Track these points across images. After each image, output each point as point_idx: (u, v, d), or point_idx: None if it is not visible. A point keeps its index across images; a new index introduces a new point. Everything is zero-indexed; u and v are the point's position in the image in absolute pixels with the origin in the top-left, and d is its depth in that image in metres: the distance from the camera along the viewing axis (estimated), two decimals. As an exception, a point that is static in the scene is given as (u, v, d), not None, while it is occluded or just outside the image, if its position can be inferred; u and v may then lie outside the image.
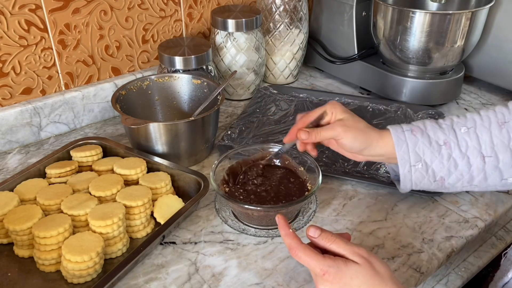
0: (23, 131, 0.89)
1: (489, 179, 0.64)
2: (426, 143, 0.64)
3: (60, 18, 0.87)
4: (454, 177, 0.65)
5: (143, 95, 0.89)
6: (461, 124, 0.65)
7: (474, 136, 0.63)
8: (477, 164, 0.63)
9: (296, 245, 0.54)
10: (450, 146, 0.63)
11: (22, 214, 0.65)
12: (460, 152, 0.63)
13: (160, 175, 0.74)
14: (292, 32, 1.08)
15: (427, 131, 0.65)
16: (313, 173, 0.71)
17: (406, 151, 0.64)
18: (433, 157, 0.64)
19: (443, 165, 0.64)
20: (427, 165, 0.64)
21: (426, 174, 0.65)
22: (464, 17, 0.92)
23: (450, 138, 0.64)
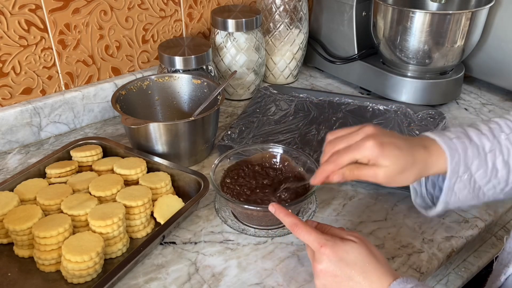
0: (23, 131, 0.89)
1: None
2: (475, 151, 0.60)
3: (60, 18, 0.87)
4: (491, 185, 0.61)
5: (143, 95, 0.89)
6: (498, 130, 0.61)
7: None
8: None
9: (297, 221, 0.57)
10: (495, 153, 0.60)
11: (22, 214, 0.65)
12: (503, 160, 0.60)
13: (160, 175, 0.74)
14: (292, 32, 1.08)
15: (473, 138, 0.61)
16: (313, 173, 0.71)
17: (458, 162, 0.59)
18: (479, 166, 0.60)
19: (486, 174, 0.60)
20: (472, 174, 0.60)
21: (469, 184, 0.60)
22: (464, 17, 0.92)
23: (495, 145, 0.60)
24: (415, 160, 0.58)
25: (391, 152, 0.57)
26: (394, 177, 0.57)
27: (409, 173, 0.58)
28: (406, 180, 0.58)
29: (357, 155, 0.58)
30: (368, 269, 0.52)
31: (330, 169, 0.60)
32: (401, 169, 0.57)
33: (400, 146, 0.58)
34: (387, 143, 0.57)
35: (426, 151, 0.59)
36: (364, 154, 0.57)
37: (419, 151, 0.58)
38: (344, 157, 0.59)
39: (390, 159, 0.57)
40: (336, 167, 0.59)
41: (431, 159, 0.59)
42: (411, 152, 0.58)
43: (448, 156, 0.58)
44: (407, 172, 0.58)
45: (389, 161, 0.57)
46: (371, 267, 0.52)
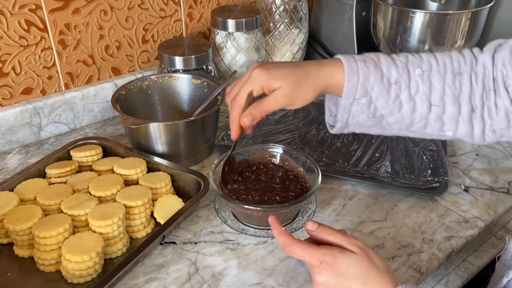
0: (23, 131, 0.89)
1: (429, 128, 0.61)
2: (378, 78, 0.59)
3: (60, 18, 0.87)
4: (394, 118, 0.61)
5: (143, 95, 0.89)
6: (416, 65, 0.60)
7: (427, 81, 0.59)
8: (421, 111, 0.60)
9: (290, 241, 0.54)
10: (401, 86, 0.59)
11: (22, 214, 0.65)
12: (409, 95, 0.59)
13: (160, 175, 0.74)
14: (292, 32, 1.08)
15: (380, 64, 0.60)
16: (312, 173, 0.71)
17: (355, 84, 0.59)
18: (380, 95, 0.59)
19: (388, 104, 0.60)
20: (371, 101, 0.60)
21: (367, 109, 0.61)
22: (464, 17, 0.92)
23: (402, 78, 0.59)
24: (308, 73, 0.60)
25: (278, 72, 0.60)
26: (293, 94, 0.59)
27: (306, 87, 0.59)
28: (306, 94, 0.59)
29: (249, 86, 0.61)
30: (368, 281, 0.51)
31: (236, 113, 0.62)
32: (295, 84, 0.59)
33: (286, 66, 0.61)
34: (272, 66, 0.60)
35: (320, 65, 0.60)
36: (255, 83, 0.60)
37: (311, 65, 0.61)
38: (240, 93, 0.61)
39: (280, 79, 0.59)
40: (239, 107, 0.62)
41: (327, 71, 0.60)
42: (300, 68, 0.60)
43: (346, 76, 0.59)
44: (304, 86, 0.59)
45: (281, 81, 0.59)
46: (372, 279, 0.51)
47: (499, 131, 0.60)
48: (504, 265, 0.60)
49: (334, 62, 0.61)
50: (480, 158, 0.87)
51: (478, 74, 0.60)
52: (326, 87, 0.60)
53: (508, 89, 0.58)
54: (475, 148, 0.90)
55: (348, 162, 0.83)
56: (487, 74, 0.59)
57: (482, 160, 0.87)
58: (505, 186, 0.81)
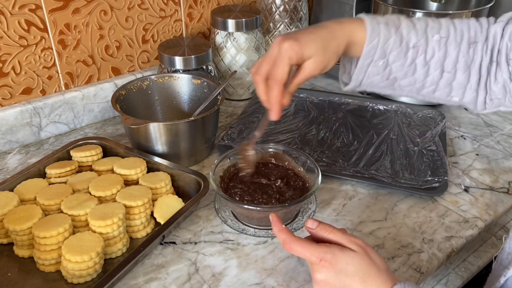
0: (23, 131, 0.89)
1: (437, 92, 0.63)
2: (397, 41, 0.60)
3: (60, 18, 0.87)
4: (407, 81, 0.62)
5: (143, 95, 0.89)
6: (435, 31, 0.61)
7: (443, 48, 0.60)
8: (433, 76, 0.61)
9: (290, 239, 0.55)
10: (418, 51, 0.60)
11: (22, 214, 0.65)
12: (424, 60, 0.61)
13: (160, 175, 0.74)
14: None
15: (401, 29, 0.61)
16: (312, 173, 0.71)
17: (375, 46, 0.60)
18: (397, 58, 0.61)
19: (403, 68, 0.61)
20: (388, 63, 0.61)
21: (383, 71, 0.62)
22: (464, 17, 0.92)
23: (420, 43, 0.60)
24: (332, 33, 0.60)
25: (307, 40, 0.58)
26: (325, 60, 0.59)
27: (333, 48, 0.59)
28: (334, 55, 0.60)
29: (286, 61, 0.58)
30: (368, 279, 0.51)
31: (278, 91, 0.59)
32: (324, 48, 0.59)
33: (311, 31, 0.60)
34: (299, 35, 0.59)
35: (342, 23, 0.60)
36: (288, 56, 0.58)
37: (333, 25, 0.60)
38: (279, 70, 0.59)
39: (311, 47, 0.58)
40: (280, 85, 0.59)
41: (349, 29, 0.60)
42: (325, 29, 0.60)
43: (368, 37, 0.59)
44: (331, 48, 0.59)
45: (312, 49, 0.58)
46: (371, 277, 0.51)
47: (496, 100, 0.62)
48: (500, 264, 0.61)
49: (356, 20, 0.61)
50: (480, 158, 0.87)
51: (488, 44, 0.61)
52: (348, 46, 0.60)
53: (509, 62, 0.60)
54: (475, 148, 0.90)
55: (348, 162, 0.83)
56: (495, 45, 0.61)
57: (482, 160, 0.87)
58: (505, 186, 0.81)
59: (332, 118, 0.96)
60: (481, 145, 0.91)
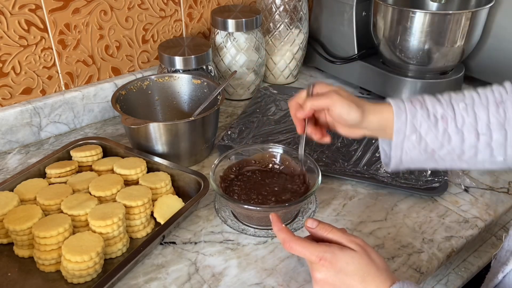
0: (23, 131, 0.89)
1: (479, 155, 0.64)
2: (424, 115, 0.63)
3: (60, 18, 0.87)
4: (445, 151, 0.64)
5: (143, 95, 0.89)
6: (459, 100, 0.64)
7: (472, 113, 0.63)
8: (470, 141, 0.63)
9: (289, 238, 0.55)
10: (447, 120, 0.63)
11: (22, 214, 0.65)
12: (456, 128, 0.63)
13: (160, 175, 0.74)
14: (292, 32, 1.08)
15: (426, 104, 0.64)
16: (313, 173, 0.71)
17: (404, 122, 0.63)
18: (429, 130, 0.63)
19: (437, 139, 0.63)
20: (421, 137, 0.64)
21: (418, 145, 0.64)
22: (464, 17, 0.92)
23: (448, 113, 0.63)
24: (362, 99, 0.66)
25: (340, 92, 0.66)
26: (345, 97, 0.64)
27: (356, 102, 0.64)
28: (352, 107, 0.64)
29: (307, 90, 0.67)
30: (367, 279, 0.51)
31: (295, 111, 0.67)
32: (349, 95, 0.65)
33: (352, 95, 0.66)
34: None
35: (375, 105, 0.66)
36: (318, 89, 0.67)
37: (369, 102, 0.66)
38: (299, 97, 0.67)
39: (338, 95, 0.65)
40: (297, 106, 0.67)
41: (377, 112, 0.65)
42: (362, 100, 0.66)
43: (395, 115, 0.63)
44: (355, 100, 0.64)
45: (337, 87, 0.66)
46: (371, 276, 0.51)
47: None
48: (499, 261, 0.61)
49: (383, 104, 0.66)
50: (480, 158, 0.87)
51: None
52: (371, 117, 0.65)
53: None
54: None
55: (348, 162, 0.83)
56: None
57: (482, 160, 0.87)
58: (505, 186, 0.81)
59: (332, 118, 0.96)
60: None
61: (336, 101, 0.64)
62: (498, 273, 0.59)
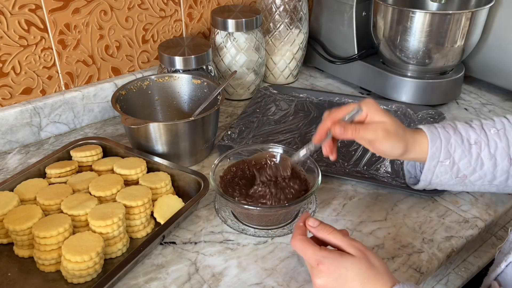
0: (23, 131, 0.89)
1: (510, 180, 0.65)
2: (458, 140, 0.64)
3: (60, 18, 0.87)
4: (477, 176, 0.65)
5: (143, 95, 0.89)
6: (490, 126, 0.65)
7: (504, 138, 0.64)
8: (502, 166, 0.64)
9: (296, 235, 0.56)
10: (481, 146, 0.64)
11: (22, 214, 0.65)
12: (489, 153, 0.64)
13: (160, 175, 0.74)
14: (292, 32, 1.08)
15: (458, 129, 0.65)
16: (312, 173, 0.71)
17: (439, 147, 0.64)
18: (462, 156, 0.64)
19: (470, 164, 0.65)
20: (454, 162, 0.65)
21: (451, 170, 0.65)
22: (464, 17, 0.92)
23: (481, 138, 0.64)
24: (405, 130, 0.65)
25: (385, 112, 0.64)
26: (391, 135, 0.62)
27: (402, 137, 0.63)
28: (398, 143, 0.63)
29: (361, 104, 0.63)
30: (367, 284, 0.51)
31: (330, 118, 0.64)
32: (396, 128, 0.63)
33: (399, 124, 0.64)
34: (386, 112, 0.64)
35: (413, 137, 0.65)
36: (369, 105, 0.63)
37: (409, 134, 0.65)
38: (340, 112, 0.64)
39: (387, 115, 0.63)
40: (336, 115, 0.64)
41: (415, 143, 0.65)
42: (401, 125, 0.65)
43: (429, 140, 0.64)
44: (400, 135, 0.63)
45: (386, 117, 0.63)
46: (371, 281, 0.51)
47: None
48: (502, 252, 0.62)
49: (416, 130, 0.67)
50: (480, 158, 0.87)
51: None
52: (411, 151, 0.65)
53: None
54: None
55: (348, 162, 0.83)
56: None
57: (482, 160, 0.87)
58: (505, 186, 0.80)
59: (332, 118, 0.96)
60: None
61: (382, 139, 0.62)
62: (501, 262, 0.60)
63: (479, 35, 0.99)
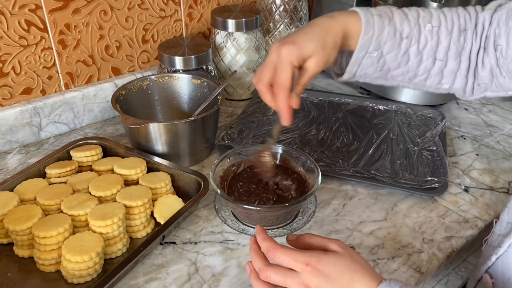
0: (23, 131, 0.89)
1: (429, 80, 0.64)
2: (391, 33, 0.61)
3: (60, 18, 0.87)
4: (400, 71, 0.64)
5: (143, 95, 0.89)
6: (427, 20, 0.62)
7: (436, 37, 0.62)
8: (426, 65, 0.63)
9: (273, 246, 0.53)
10: (411, 41, 0.62)
11: (22, 214, 0.65)
12: (417, 50, 0.62)
13: (160, 175, 0.74)
14: (292, 32, 1.08)
15: (394, 20, 0.62)
16: (312, 173, 0.71)
17: (370, 38, 0.60)
18: (391, 49, 0.62)
19: (396, 58, 0.62)
20: (382, 54, 0.62)
21: (377, 62, 0.62)
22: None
23: (413, 33, 0.61)
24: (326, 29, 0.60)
25: (304, 41, 0.59)
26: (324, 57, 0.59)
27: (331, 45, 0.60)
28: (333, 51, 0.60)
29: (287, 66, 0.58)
30: (356, 277, 0.50)
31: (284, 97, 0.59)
32: (322, 46, 0.59)
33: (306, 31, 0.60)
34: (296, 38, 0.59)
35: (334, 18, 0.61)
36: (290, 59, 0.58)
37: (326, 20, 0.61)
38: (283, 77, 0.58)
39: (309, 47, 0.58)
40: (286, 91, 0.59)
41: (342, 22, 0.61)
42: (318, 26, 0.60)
43: (363, 29, 0.60)
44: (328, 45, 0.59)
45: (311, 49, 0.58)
46: (359, 275, 0.51)
47: (483, 85, 0.64)
48: (490, 245, 0.62)
49: (349, 13, 0.62)
50: (480, 158, 0.87)
51: (478, 31, 0.63)
52: (344, 38, 0.61)
53: (497, 47, 0.61)
54: (475, 148, 0.90)
55: (348, 162, 0.83)
56: (483, 32, 0.63)
57: (482, 160, 0.87)
58: (505, 186, 0.81)
59: (332, 118, 0.96)
60: (481, 145, 0.91)
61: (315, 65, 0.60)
62: (491, 255, 0.60)
63: (479, 35, 0.99)
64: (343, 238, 0.69)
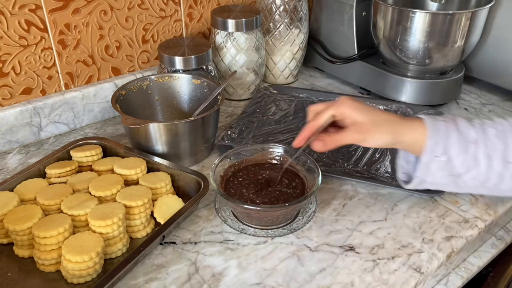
0: (23, 131, 0.89)
1: (504, 184, 0.64)
2: (457, 137, 0.63)
3: (60, 18, 0.87)
4: (470, 176, 0.64)
5: (143, 95, 0.89)
6: (490, 125, 0.64)
7: (503, 141, 0.63)
8: (497, 168, 0.63)
9: None
10: (478, 145, 0.63)
11: (22, 214, 0.65)
12: (486, 154, 0.63)
13: (160, 175, 0.74)
14: (292, 32, 1.08)
15: (459, 125, 0.64)
16: (313, 173, 0.71)
17: (437, 142, 0.63)
18: (459, 153, 0.63)
19: (465, 163, 0.63)
20: (450, 159, 0.63)
21: (446, 167, 0.64)
22: (464, 17, 0.92)
23: (479, 137, 0.63)
24: (390, 118, 0.64)
25: (361, 107, 0.64)
26: (368, 131, 0.63)
27: (383, 128, 0.63)
28: (381, 134, 0.63)
29: (333, 109, 0.65)
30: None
31: (310, 128, 0.66)
32: (372, 122, 0.63)
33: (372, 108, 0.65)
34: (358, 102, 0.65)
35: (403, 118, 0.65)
36: (338, 108, 0.64)
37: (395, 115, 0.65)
38: (324, 113, 0.65)
39: (360, 113, 0.63)
40: (316, 124, 0.66)
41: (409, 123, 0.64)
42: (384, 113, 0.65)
43: (429, 133, 0.62)
44: (381, 126, 0.63)
45: (360, 115, 0.63)
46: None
47: None
48: None
49: (415, 119, 0.65)
50: (480, 158, 0.87)
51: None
52: (403, 138, 0.64)
53: None
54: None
55: (348, 162, 0.83)
56: None
57: (482, 160, 0.87)
58: (505, 186, 0.80)
59: (332, 118, 0.96)
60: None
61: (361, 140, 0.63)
62: None
63: (479, 35, 0.99)
64: (343, 238, 0.69)
